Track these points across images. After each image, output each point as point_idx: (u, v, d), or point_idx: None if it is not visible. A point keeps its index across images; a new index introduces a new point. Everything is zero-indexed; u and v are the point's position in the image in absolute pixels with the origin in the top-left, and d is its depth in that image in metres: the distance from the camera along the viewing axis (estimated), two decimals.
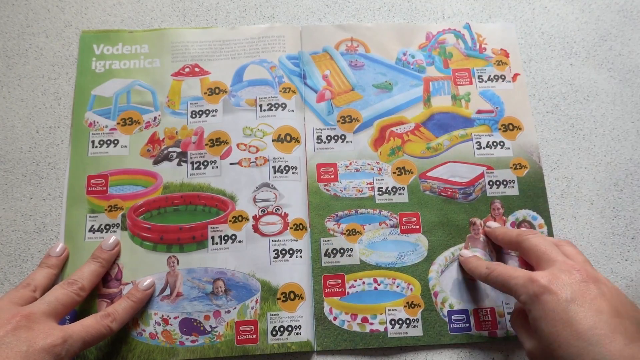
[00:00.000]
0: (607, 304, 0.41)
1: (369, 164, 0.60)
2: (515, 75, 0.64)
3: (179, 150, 0.59)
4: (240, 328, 0.53)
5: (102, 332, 0.47)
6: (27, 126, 0.60)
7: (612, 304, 0.41)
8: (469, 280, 0.56)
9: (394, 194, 0.59)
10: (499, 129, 0.62)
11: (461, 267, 0.56)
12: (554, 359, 0.40)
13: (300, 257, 0.56)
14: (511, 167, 0.61)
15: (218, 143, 0.60)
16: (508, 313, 0.55)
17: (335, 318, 0.54)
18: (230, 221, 0.57)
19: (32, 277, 0.51)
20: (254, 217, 0.57)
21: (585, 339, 0.39)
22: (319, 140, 0.61)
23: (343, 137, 0.61)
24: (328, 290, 0.55)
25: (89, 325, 0.47)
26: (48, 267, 0.53)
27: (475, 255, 0.55)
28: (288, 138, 0.60)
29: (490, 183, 0.60)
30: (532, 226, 0.58)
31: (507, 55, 0.65)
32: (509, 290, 0.46)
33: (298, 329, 0.54)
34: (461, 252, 0.56)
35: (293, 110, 0.61)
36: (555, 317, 0.41)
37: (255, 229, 0.57)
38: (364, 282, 0.56)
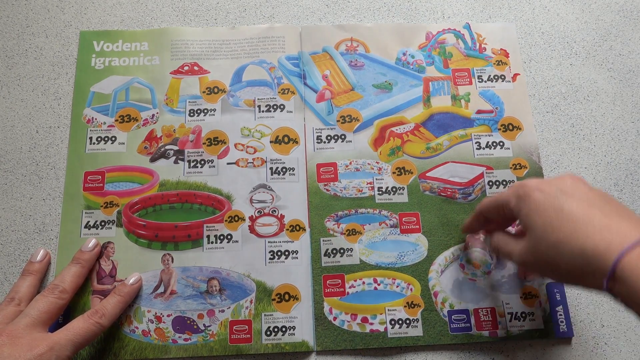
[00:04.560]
0: (597, 196, 0.41)
1: (368, 164, 0.60)
2: (515, 75, 0.64)
3: (176, 148, 0.59)
4: (234, 327, 0.53)
5: (92, 329, 0.47)
6: (27, 126, 0.60)
7: (602, 196, 0.42)
8: (469, 280, 0.55)
9: (393, 194, 0.59)
10: (499, 129, 0.62)
11: (461, 267, 0.56)
12: (548, 246, 0.40)
13: (297, 258, 0.56)
14: (511, 167, 0.60)
15: (216, 142, 0.59)
16: (508, 313, 0.54)
17: (335, 318, 0.54)
18: (226, 221, 0.56)
19: (15, 289, 0.51)
20: (250, 218, 0.57)
21: (579, 220, 0.39)
22: (319, 140, 0.60)
23: (343, 137, 0.61)
24: (328, 290, 0.55)
25: (75, 327, 0.47)
26: (30, 274, 0.52)
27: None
28: (286, 139, 0.60)
29: (490, 183, 0.59)
30: None
31: (507, 55, 0.65)
32: (500, 205, 0.46)
33: (292, 329, 0.53)
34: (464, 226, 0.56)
35: (292, 112, 0.61)
36: (547, 207, 0.41)
37: (251, 229, 0.56)
38: (363, 282, 0.55)
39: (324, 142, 0.60)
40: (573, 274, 0.39)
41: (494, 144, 0.61)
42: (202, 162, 0.59)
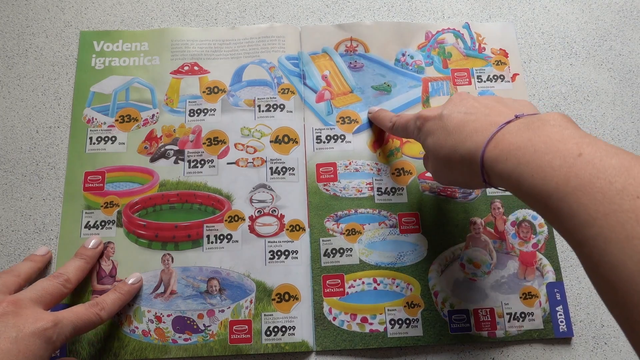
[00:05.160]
0: (477, 103, 0.44)
1: (368, 164, 0.60)
2: (515, 75, 0.64)
3: (176, 148, 0.59)
4: (234, 327, 0.53)
5: (92, 319, 0.46)
6: (27, 126, 0.60)
7: (484, 102, 0.44)
8: (469, 280, 0.55)
9: (393, 194, 0.59)
10: None
11: (461, 267, 0.56)
12: (441, 161, 0.44)
13: (296, 258, 0.56)
14: None
15: (216, 142, 0.59)
16: (507, 313, 0.54)
17: (334, 318, 0.54)
18: (226, 221, 0.56)
19: (14, 266, 0.51)
20: (250, 218, 0.57)
21: (456, 131, 0.43)
22: (319, 140, 0.60)
23: (342, 137, 0.61)
24: (327, 290, 0.55)
25: (78, 311, 0.46)
26: (31, 261, 0.52)
27: (382, 108, 0.60)
28: (286, 139, 0.60)
29: None
30: (532, 225, 0.57)
31: (506, 55, 0.65)
32: (408, 135, 0.51)
33: (292, 329, 0.53)
34: (369, 109, 0.61)
35: (292, 112, 0.61)
36: (435, 129, 0.45)
37: (251, 229, 0.56)
38: (363, 282, 0.55)
39: (324, 142, 0.60)
40: (468, 179, 0.43)
41: None
42: (202, 162, 0.59)
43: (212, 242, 0.56)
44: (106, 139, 0.59)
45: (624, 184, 0.31)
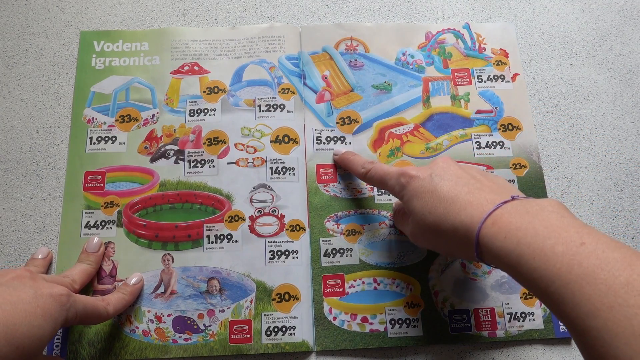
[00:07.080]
0: (464, 173, 0.45)
1: None
2: (515, 75, 0.64)
3: (176, 148, 0.59)
4: (234, 327, 0.53)
5: (99, 309, 0.46)
6: (27, 126, 0.60)
7: (470, 172, 0.45)
8: (470, 280, 0.55)
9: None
10: (499, 129, 0.62)
11: (462, 266, 0.56)
12: (428, 227, 0.43)
13: (297, 258, 0.56)
14: (511, 167, 0.60)
15: (216, 142, 0.59)
16: (508, 313, 0.54)
17: (334, 318, 0.54)
18: (226, 220, 0.56)
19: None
20: (250, 218, 0.57)
21: (447, 199, 0.42)
22: (319, 141, 0.60)
23: (342, 139, 0.61)
24: (328, 290, 0.55)
25: (88, 297, 0.46)
26: (33, 266, 0.52)
27: (348, 150, 0.58)
28: (286, 139, 0.60)
29: None
30: None
31: (506, 55, 0.65)
32: (386, 187, 0.50)
33: (292, 329, 0.53)
34: (334, 151, 0.60)
35: (292, 112, 0.61)
36: (423, 191, 0.44)
37: (252, 229, 0.56)
38: (363, 282, 0.55)
39: (324, 143, 0.60)
40: (455, 249, 0.43)
41: (494, 143, 0.61)
42: (203, 162, 0.59)
43: (212, 242, 0.56)
44: (106, 139, 0.59)
45: (628, 279, 0.31)
